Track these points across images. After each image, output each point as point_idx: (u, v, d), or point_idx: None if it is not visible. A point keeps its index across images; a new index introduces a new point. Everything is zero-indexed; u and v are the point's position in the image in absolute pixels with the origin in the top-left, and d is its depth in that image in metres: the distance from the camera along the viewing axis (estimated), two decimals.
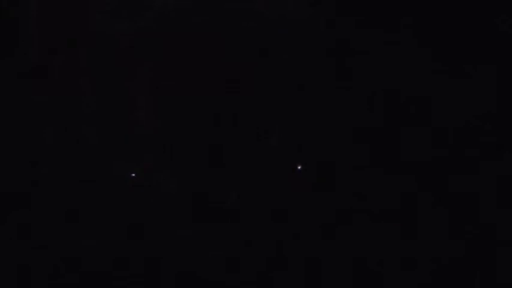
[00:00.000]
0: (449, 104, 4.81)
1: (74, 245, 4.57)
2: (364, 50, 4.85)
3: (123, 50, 4.77)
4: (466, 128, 4.79)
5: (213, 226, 4.68)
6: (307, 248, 4.66)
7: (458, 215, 4.70)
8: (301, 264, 4.63)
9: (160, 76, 4.78)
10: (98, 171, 4.68)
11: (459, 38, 4.84)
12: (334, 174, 4.77)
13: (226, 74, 4.81)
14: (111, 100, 4.75)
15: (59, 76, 4.73)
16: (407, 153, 4.78)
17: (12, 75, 4.68)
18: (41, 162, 4.65)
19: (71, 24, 4.75)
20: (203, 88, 4.81)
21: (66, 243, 4.57)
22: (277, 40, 4.85)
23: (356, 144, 4.80)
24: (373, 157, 4.78)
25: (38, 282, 4.50)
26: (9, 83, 4.68)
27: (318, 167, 4.80)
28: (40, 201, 4.61)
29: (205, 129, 4.80)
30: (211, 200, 4.72)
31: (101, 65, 4.76)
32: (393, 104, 4.81)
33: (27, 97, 4.69)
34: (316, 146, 4.82)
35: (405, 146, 4.79)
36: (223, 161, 4.78)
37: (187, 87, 4.81)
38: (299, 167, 4.79)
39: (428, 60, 4.83)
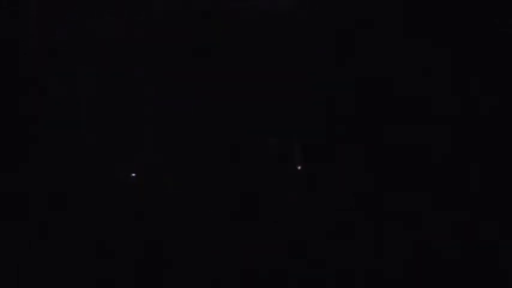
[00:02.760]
0: (449, 103, 4.82)
1: (76, 244, 4.59)
2: (364, 48, 4.85)
3: (122, 49, 4.78)
4: (466, 127, 4.79)
5: (213, 225, 4.69)
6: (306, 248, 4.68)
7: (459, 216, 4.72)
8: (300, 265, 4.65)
9: (160, 75, 4.80)
10: (99, 171, 4.69)
11: (459, 38, 4.85)
12: (334, 174, 4.78)
13: (226, 73, 4.82)
14: (111, 100, 4.76)
15: (59, 76, 4.74)
16: (406, 151, 4.79)
17: (13, 76, 4.69)
18: (43, 163, 4.66)
19: (70, 24, 4.75)
20: (202, 87, 4.82)
21: (68, 242, 4.59)
22: (275, 37, 4.85)
23: (355, 143, 4.81)
24: (372, 157, 4.80)
25: (39, 281, 4.51)
26: (10, 83, 4.69)
27: (318, 167, 4.81)
28: (41, 201, 4.62)
29: (205, 128, 4.81)
30: (212, 200, 4.73)
31: (101, 64, 4.77)
32: (392, 103, 4.81)
33: (28, 97, 4.70)
34: (314, 145, 4.83)
35: (404, 144, 4.80)
36: (224, 161, 4.79)
37: (187, 86, 4.83)
38: (299, 167, 4.80)
39: (428, 58, 4.83)
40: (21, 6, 4.70)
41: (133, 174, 4.70)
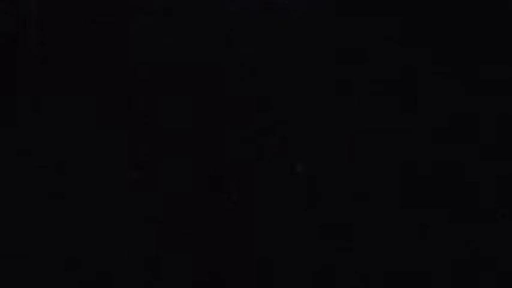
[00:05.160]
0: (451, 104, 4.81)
1: (76, 244, 4.59)
2: (367, 49, 4.85)
3: (123, 49, 4.78)
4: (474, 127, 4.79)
5: (214, 224, 4.69)
6: (307, 249, 4.67)
7: (459, 216, 4.71)
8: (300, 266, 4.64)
9: (161, 76, 4.79)
10: (98, 170, 4.69)
11: (462, 39, 4.84)
12: (335, 175, 4.77)
13: (228, 74, 4.82)
14: (111, 100, 4.76)
15: (59, 75, 4.74)
16: (408, 152, 4.78)
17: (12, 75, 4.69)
18: (43, 161, 4.66)
19: (71, 24, 4.75)
20: (204, 89, 4.82)
21: (68, 241, 4.59)
22: (278, 40, 4.85)
23: (357, 144, 4.80)
24: (374, 157, 4.78)
25: (39, 281, 4.51)
26: (10, 82, 4.69)
27: (319, 168, 4.81)
28: (41, 200, 4.62)
29: (206, 128, 4.81)
30: (212, 199, 4.73)
31: (101, 64, 4.77)
32: (398, 105, 4.81)
33: (28, 96, 4.70)
34: (318, 147, 4.82)
35: (406, 145, 4.79)
36: (224, 161, 4.79)
37: (188, 87, 4.82)
38: (299, 168, 4.79)
39: (436, 61, 4.83)
40: (21, 6, 4.70)
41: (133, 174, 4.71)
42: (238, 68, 4.81)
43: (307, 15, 4.81)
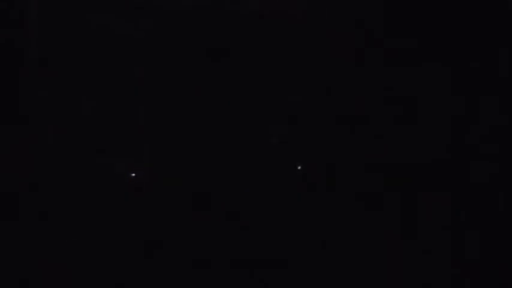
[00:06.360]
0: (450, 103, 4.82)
1: (75, 242, 4.58)
2: (362, 49, 4.86)
3: (123, 50, 4.78)
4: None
5: (213, 223, 4.68)
6: (306, 246, 4.67)
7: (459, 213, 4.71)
8: (300, 263, 4.64)
9: (159, 75, 4.80)
10: (98, 170, 4.69)
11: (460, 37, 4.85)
12: (334, 174, 4.78)
13: (226, 73, 4.82)
14: (111, 99, 4.76)
15: (58, 74, 4.74)
16: (406, 152, 4.79)
17: (13, 73, 4.69)
18: (42, 161, 4.66)
19: (71, 23, 4.76)
20: (202, 87, 4.83)
21: (67, 241, 4.59)
22: (275, 39, 4.86)
23: (355, 143, 4.81)
24: (372, 156, 4.79)
25: (39, 278, 4.51)
26: (11, 80, 4.68)
27: (318, 167, 4.81)
28: (39, 200, 4.62)
29: (204, 127, 4.81)
30: (212, 198, 4.72)
31: (100, 64, 4.77)
32: (393, 104, 4.81)
33: (28, 95, 4.70)
34: (314, 146, 4.83)
35: (404, 145, 4.80)
36: (224, 160, 4.79)
37: (186, 86, 4.83)
38: (299, 167, 4.79)
39: (431, 61, 4.83)
40: (22, 5, 4.70)
41: (133, 174, 4.70)
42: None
43: None
